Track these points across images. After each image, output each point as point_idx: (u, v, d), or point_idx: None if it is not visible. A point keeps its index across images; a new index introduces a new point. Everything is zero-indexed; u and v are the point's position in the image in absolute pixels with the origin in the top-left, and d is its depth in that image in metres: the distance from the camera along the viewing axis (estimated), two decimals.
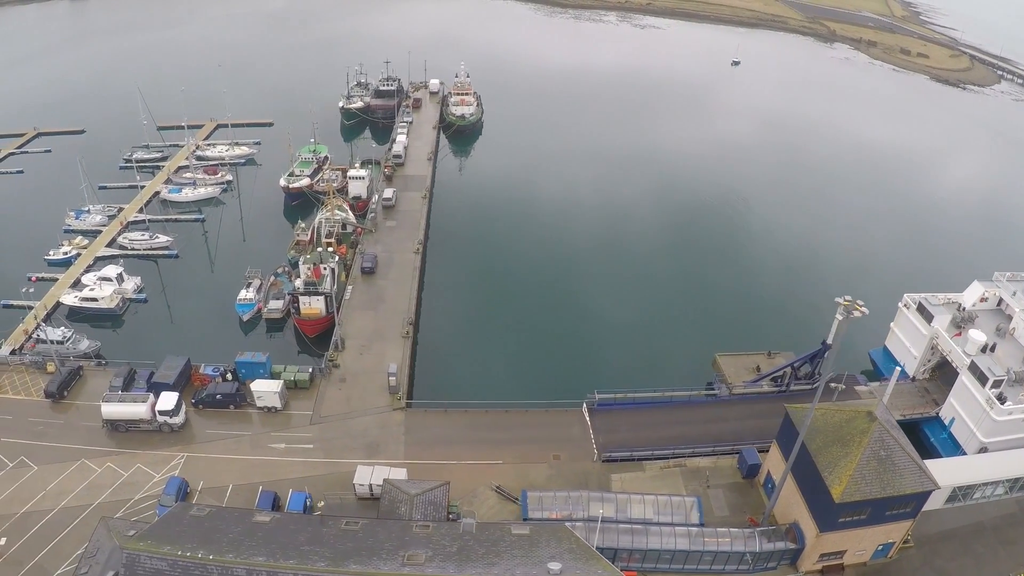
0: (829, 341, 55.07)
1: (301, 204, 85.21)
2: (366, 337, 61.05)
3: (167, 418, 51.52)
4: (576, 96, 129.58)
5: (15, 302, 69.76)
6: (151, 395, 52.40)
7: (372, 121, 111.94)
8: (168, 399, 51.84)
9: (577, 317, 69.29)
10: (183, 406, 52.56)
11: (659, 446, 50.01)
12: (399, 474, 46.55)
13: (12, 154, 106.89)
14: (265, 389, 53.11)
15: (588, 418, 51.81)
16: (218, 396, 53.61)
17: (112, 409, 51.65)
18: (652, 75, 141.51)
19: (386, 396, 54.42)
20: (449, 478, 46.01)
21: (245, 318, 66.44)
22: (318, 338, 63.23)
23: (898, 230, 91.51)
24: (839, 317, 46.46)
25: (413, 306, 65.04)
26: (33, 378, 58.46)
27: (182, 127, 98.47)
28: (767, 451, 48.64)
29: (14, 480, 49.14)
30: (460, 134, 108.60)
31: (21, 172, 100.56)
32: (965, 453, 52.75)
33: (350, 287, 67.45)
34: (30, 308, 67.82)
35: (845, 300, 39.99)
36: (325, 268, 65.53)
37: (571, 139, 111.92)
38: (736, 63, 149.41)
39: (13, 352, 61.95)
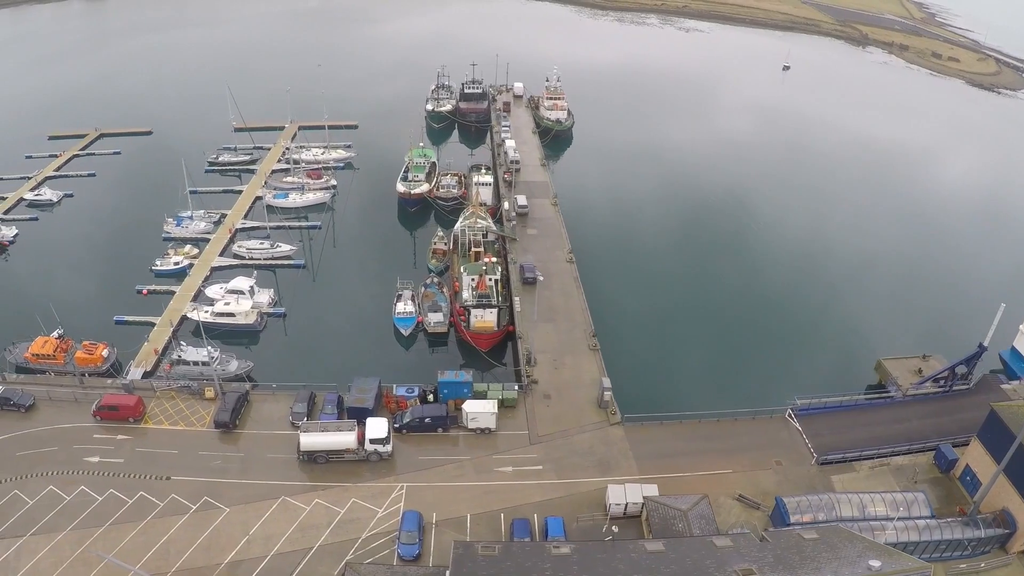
0: (985, 343, 55.49)
1: (419, 211, 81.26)
2: (554, 351, 58.10)
3: (378, 447, 47.13)
4: (645, 98, 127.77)
5: (130, 318, 64.28)
6: (355, 422, 48.33)
7: (464, 125, 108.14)
8: (379, 426, 47.62)
9: (744, 323, 67.66)
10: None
11: (864, 447, 51.36)
12: (651, 490, 45.44)
13: (77, 156, 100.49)
14: (480, 410, 49.50)
15: (797, 423, 52.43)
16: (427, 419, 49.52)
17: (314, 440, 46.82)
18: (711, 78, 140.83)
19: (596, 411, 51.90)
20: (689, 490, 45.23)
21: (406, 332, 62.24)
22: (490, 352, 59.31)
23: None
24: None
25: (588, 317, 62.12)
26: (189, 405, 53.20)
27: (264, 128, 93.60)
28: (959, 446, 51.09)
29: (204, 524, 44.13)
30: (555, 139, 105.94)
31: (93, 175, 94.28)
32: None
33: (517, 299, 64.00)
34: (151, 325, 62.52)
35: None
36: (490, 280, 62.35)
37: (664, 140, 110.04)
38: (787, 68, 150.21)
39: (146, 375, 56.52)
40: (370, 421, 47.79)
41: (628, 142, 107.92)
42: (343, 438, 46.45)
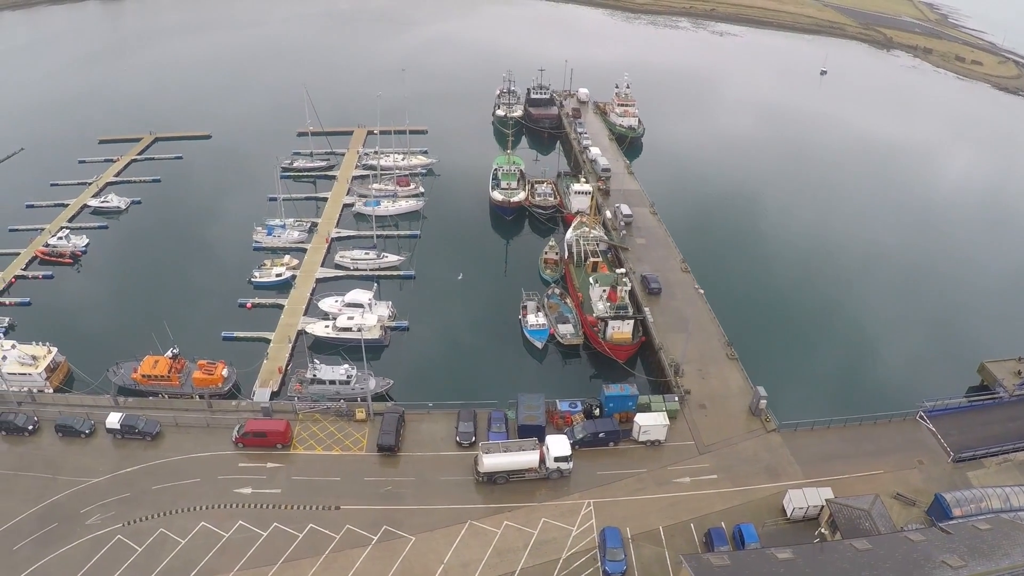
0: None
1: (515, 219, 79.32)
2: (696, 360, 56.69)
3: (561, 464, 45.36)
4: (699, 102, 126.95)
5: (240, 333, 60.47)
6: (536, 440, 46.14)
7: (536, 131, 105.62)
8: (561, 444, 45.97)
9: (852, 328, 66.83)
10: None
11: (991, 444, 52.28)
12: (826, 493, 45.78)
13: (135, 161, 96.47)
14: (652, 423, 48.63)
15: (929, 424, 53.33)
16: (601, 434, 48.12)
17: (497, 460, 44.67)
18: (754, 83, 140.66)
19: (750, 418, 51.69)
20: (850, 491, 45.60)
21: (540, 345, 59.82)
22: (626, 364, 57.85)
23: None
24: None
25: (719, 326, 60.53)
26: (340, 428, 49.92)
27: (331, 133, 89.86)
28: None
29: (392, 555, 41.38)
30: (629, 146, 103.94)
31: (158, 181, 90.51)
32: None
33: (647, 309, 62.07)
34: (264, 341, 58.95)
35: None
36: (621, 290, 60.09)
37: (732, 144, 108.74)
38: (824, 72, 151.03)
39: (273, 395, 53.00)
40: (551, 439, 46.35)
41: (698, 147, 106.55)
42: (527, 457, 44.68)
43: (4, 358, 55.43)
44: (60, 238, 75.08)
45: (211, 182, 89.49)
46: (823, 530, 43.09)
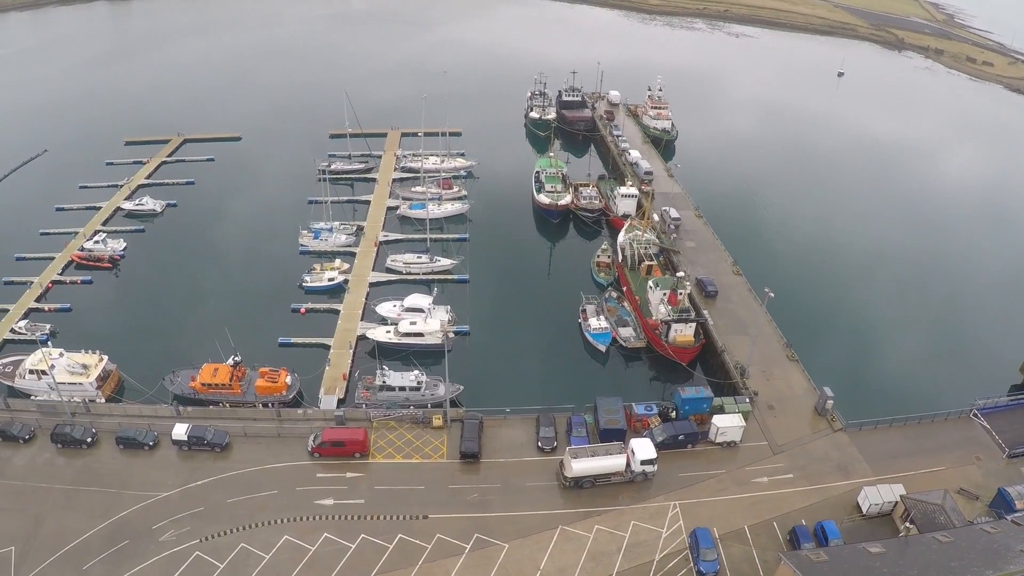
0: None
1: (560, 222, 78.54)
2: (759, 362, 56.83)
3: (647, 467, 45.62)
4: (725, 104, 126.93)
5: (298, 340, 59.35)
6: (621, 444, 46.34)
7: (571, 133, 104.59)
8: (647, 447, 46.11)
9: (900, 326, 67.19)
10: None
11: None
12: (899, 490, 46.78)
13: (166, 162, 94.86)
14: (729, 424, 49.08)
15: (983, 421, 54.11)
16: (680, 436, 48.46)
17: (587, 465, 44.58)
18: (774, 84, 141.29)
19: (816, 418, 52.29)
20: (917, 486, 46.49)
21: (603, 348, 59.36)
22: (689, 366, 57.92)
23: None
24: None
25: (776, 327, 60.51)
26: (417, 435, 49.06)
27: (365, 135, 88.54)
28: None
29: (487, 563, 40.97)
30: (663, 148, 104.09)
31: (192, 183, 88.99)
32: None
33: (706, 312, 61.98)
34: (322, 347, 57.74)
35: None
36: (682, 294, 60.06)
37: (764, 146, 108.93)
38: (841, 74, 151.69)
39: (340, 403, 51.74)
40: (635, 442, 46.51)
41: (731, 150, 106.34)
42: (615, 461, 44.83)
43: (52, 367, 52.95)
44: (96, 242, 73.31)
45: (246, 184, 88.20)
46: (908, 524, 43.63)
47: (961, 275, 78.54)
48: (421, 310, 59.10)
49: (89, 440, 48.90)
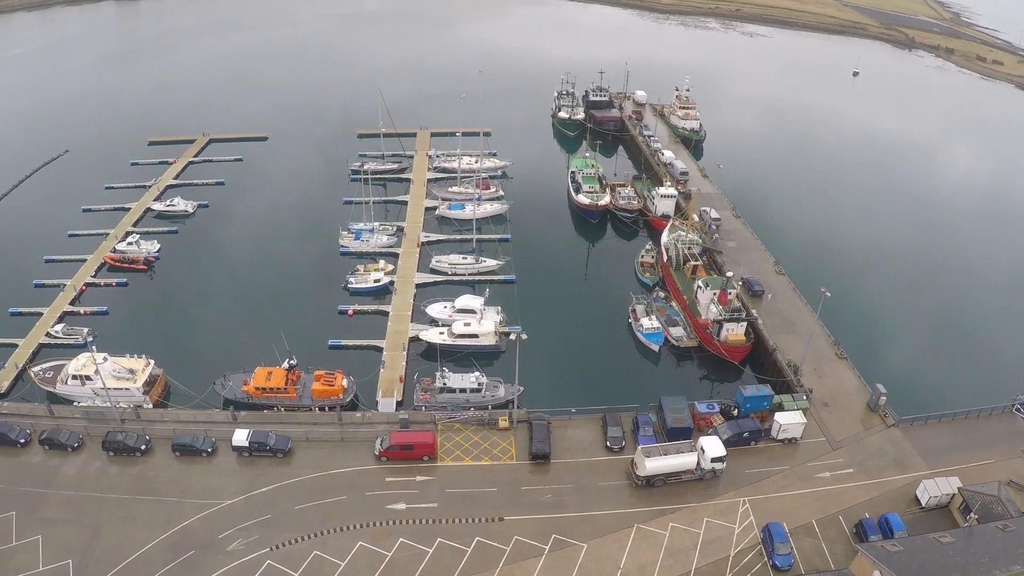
0: None
1: (598, 222, 78.34)
2: (810, 360, 56.91)
3: (716, 465, 45.85)
4: (747, 103, 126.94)
5: (349, 342, 58.64)
6: (692, 442, 46.53)
7: (601, 133, 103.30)
8: (716, 445, 46.34)
9: (938, 322, 67.75)
10: None
11: None
12: (954, 482, 47.61)
13: (192, 163, 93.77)
14: (791, 421, 49.65)
15: None
16: (745, 434, 48.95)
17: (660, 463, 44.91)
18: (789, 83, 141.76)
19: (869, 414, 52.81)
20: (969, 479, 47.05)
21: (656, 348, 59.28)
22: (741, 364, 58.43)
23: None
24: None
25: (823, 326, 60.38)
26: (484, 437, 48.63)
27: (394, 135, 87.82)
28: None
29: (568, 563, 40.92)
30: (693, 148, 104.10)
31: (222, 183, 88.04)
32: None
33: (753, 311, 61.94)
34: (374, 349, 57.08)
35: None
36: (731, 293, 60.06)
37: (790, 142, 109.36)
38: (856, 73, 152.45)
39: (399, 405, 51.12)
40: (704, 440, 46.78)
41: (759, 150, 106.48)
42: (687, 459, 45.15)
43: (96, 372, 51.78)
44: (129, 243, 72.16)
45: (277, 184, 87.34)
46: (973, 515, 44.44)
47: (992, 273, 77.59)
48: (473, 311, 58.75)
49: (143, 447, 47.72)
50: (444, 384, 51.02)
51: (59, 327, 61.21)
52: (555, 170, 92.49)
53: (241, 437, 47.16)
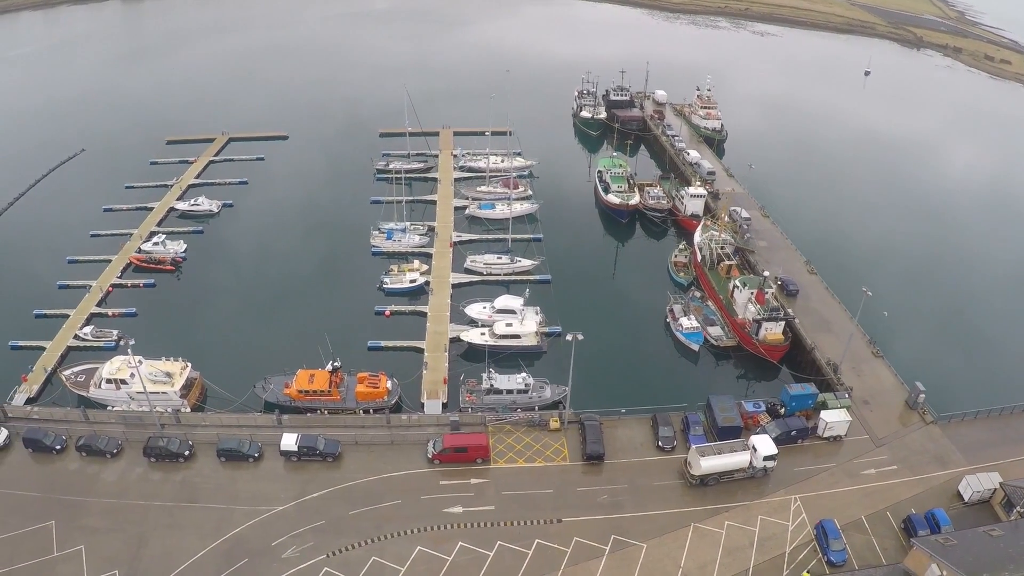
0: None
1: (628, 222, 78.15)
2: (848, 359, 57.16)
3: (767, 463, 46.14)
4: (762, 102, 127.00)
5: (388, 343, 58.01)
6: (744, 441, 46.59)
7: (624, 132, 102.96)
8: (768, 444, 46.63)
9: (967, 321, 67.51)
10: None
11: None
12: (996, 478, 48.12)
13: (213, 162, 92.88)
14: (836, 419, 50.19)
15: None
16: (792, 432, 49.32)
17: (714, 462, 45.15)
18: (802, 82, 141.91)
19: (907, 411, 53.23)
20: (1007, 475, 47.48)
21: (696, 348, 59.19)
22: (780, 363, 58.53)
23: None
24: None
25: (857, 325, 59.76)
26: (536, 438, 48.35)
27: (417, 134, 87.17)
28: None
29: (629, 563, 41.01)
30: (715, 148, 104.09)
31: (245, 183, 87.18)
32: None
33: (789, 310, 61.92)
34: (414, 350, 56.49)
35: None
36: (768, 292, 59.72)
37: (809, 141, 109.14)
38: (868, 72, 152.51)
39: (444, 407, 50.53)
40: (756, 439, 47.00)
41: (780, 149, 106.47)
42: (740, 458, 45.45)
43: (132, 376, 50.77)
44: (155, 243, 71.23)
45: (300, 184, 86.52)
46: (1020, 509, 44.76)
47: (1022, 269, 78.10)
48: (513, 311, 58.47)
49: (186, 453, 46.76)
50: (491, 385, 50.69)
51: (87, 329, 60.08)
52: (579, 169, 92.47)
53: (290, 441, 46.43)
